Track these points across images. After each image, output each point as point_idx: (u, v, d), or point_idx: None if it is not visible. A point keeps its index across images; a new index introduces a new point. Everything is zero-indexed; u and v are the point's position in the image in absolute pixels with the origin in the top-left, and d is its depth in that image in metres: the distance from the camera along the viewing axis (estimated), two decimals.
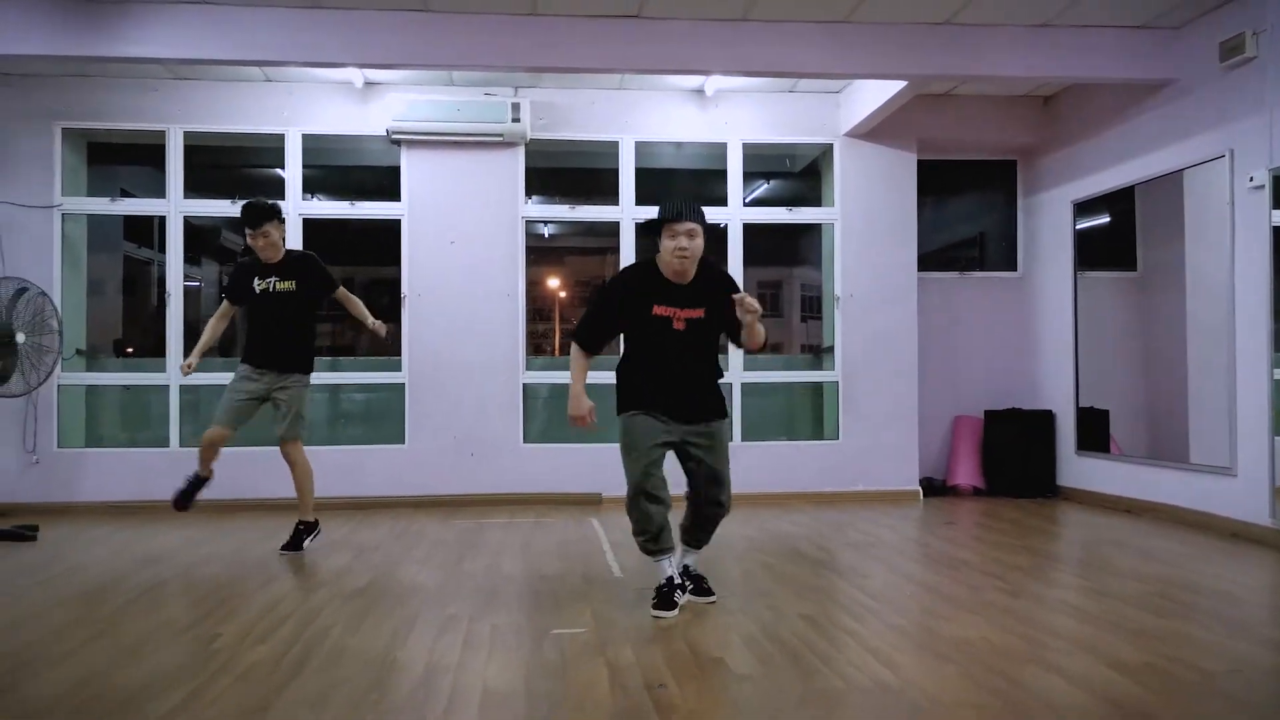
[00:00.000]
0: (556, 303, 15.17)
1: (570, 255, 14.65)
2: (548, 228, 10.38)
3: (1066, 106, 7.98)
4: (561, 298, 15.25)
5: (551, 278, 14.69)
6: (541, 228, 9.95)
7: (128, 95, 7.48)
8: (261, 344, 5.55)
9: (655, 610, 4.18)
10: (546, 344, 14.07)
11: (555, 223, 9.95)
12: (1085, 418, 7.87)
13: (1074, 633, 3.87)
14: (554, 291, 14.93)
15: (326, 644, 3.76)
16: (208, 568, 5.34)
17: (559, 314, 15.30)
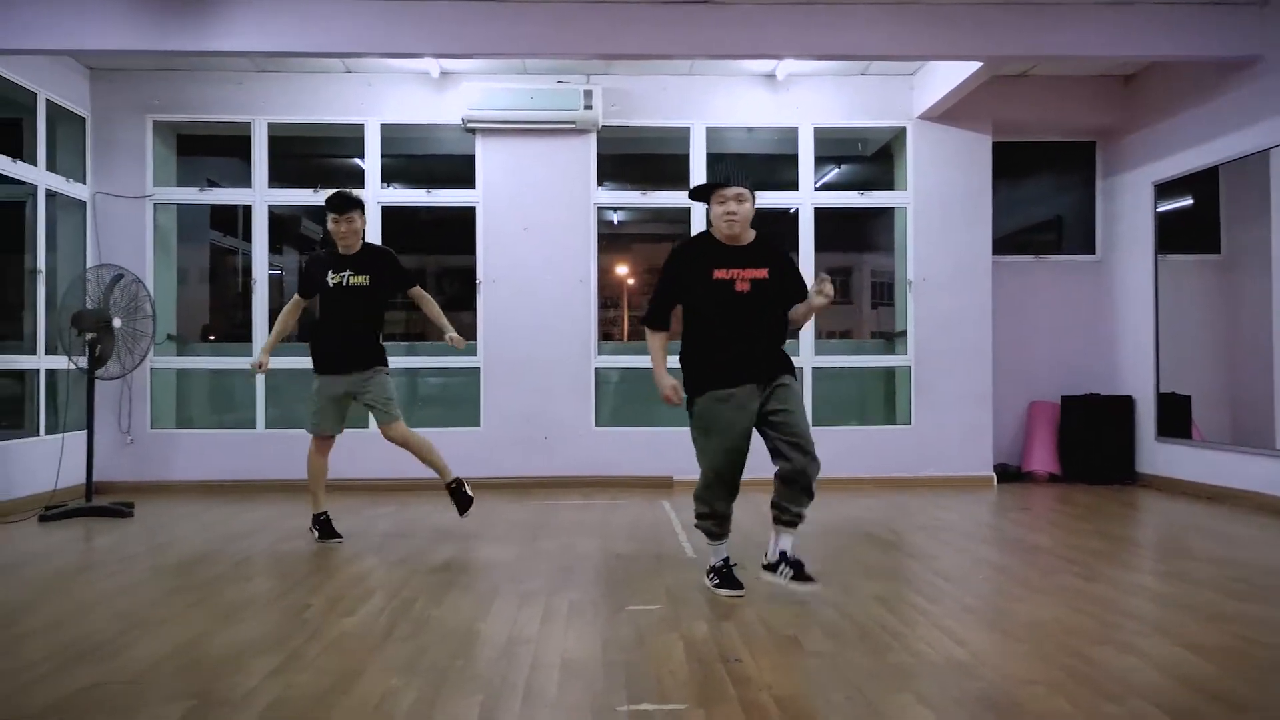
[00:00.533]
0: (625, 289, 15.27)
1: (639, 242, 14.73)
2: (617, 215, 10.48)
3: (1148, 85, 7.81)
4: (630, 284, 15.35)
5: (620, 264, 14.79)
6: (611, 215, 10.05)
7: (214, 88, 7.74)
8: (335, 346, 5.45)
9: (725, 590, 4.21)
10: (615, 330, 14.19)
11: (625, 209, 10.04)
12: (1166, 403, 7.72)
13: (1149, 615, 3.85)
14: (623, 279, 15.03)
15: (412, 615, 3.90)
16: (294, 543, 5.54)
17: (627, 301, 15.40)
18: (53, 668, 3.25)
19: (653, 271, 16.68)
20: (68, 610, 4.05)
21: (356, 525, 6.06)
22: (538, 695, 2.97)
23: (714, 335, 4.28)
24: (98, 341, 6.43)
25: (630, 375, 8.26)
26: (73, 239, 7.57)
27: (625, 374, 8.23)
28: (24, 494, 6.70)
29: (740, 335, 4.22)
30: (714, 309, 4.28)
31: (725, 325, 4.25)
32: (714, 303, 4.26)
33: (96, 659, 3.34)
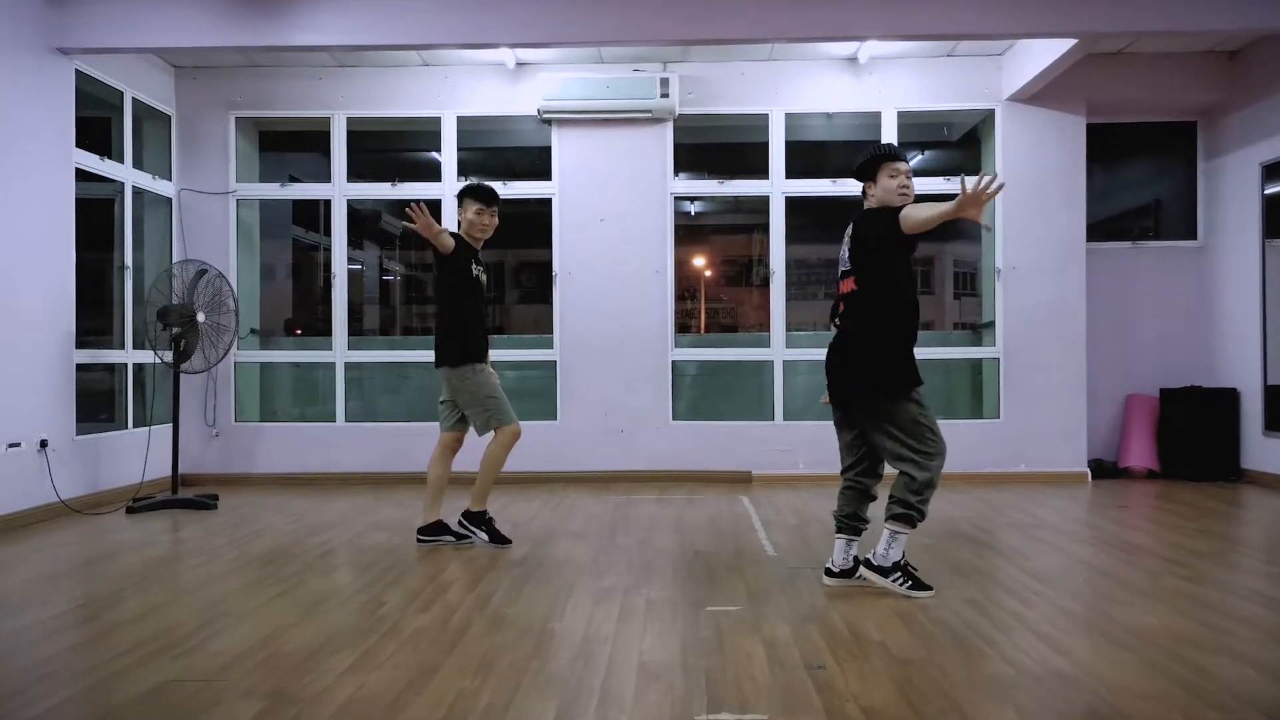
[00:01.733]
0: (702, 281, 15.12)
1: (716, 234, 14.57)
2: (694, 206, 10.36)
3: (1254, 61, 7.39)
4: (707, 276, 15.20)
5: (697, 256, 14.66)
6: (688, 205, 9.93)
7: (295, 84, 7.81)
8: (483, 336, 5.22)
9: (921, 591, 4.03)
10: (692, 322, 14.06)
11: (702, 199, 9.91)
12: (1275, 396, 7.32)
13: (1265, 621, 3.61)
14: (700, 270, 14.89)
15: (487, 612, 3.84)
16: (374, 536, 5.54)
17: (704, 292, 15.25)
18: (135, 660, 3.26)
19: (730, 263, 16.45)
20: (153, 602, 4.09)
21: None
22: (615, 699, 2.88)
23: (914, 324, 4.13)
24: (182, 336, 6.53)
25: (706, 369, 8.14)
26: (159, 235, 7.71)
27: (702, 366, 8.12)
28: (113, 486, 6.84)
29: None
30: (912, 292, 4.13)
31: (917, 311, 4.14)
32: (912, 285, 4.13)
33: (178, 653, 3.35)
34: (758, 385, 7.97)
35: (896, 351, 4.05)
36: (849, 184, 7.88)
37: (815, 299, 11.79)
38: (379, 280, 13.04)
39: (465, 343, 5.13)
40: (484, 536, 5.22)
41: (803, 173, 7.90)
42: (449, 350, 5.15)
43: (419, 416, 7.80)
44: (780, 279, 7.83)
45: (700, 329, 14.01)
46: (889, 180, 4.08)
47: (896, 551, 4.06)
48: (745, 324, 13.89)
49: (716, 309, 15.30)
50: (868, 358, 4.06)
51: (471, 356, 5.14)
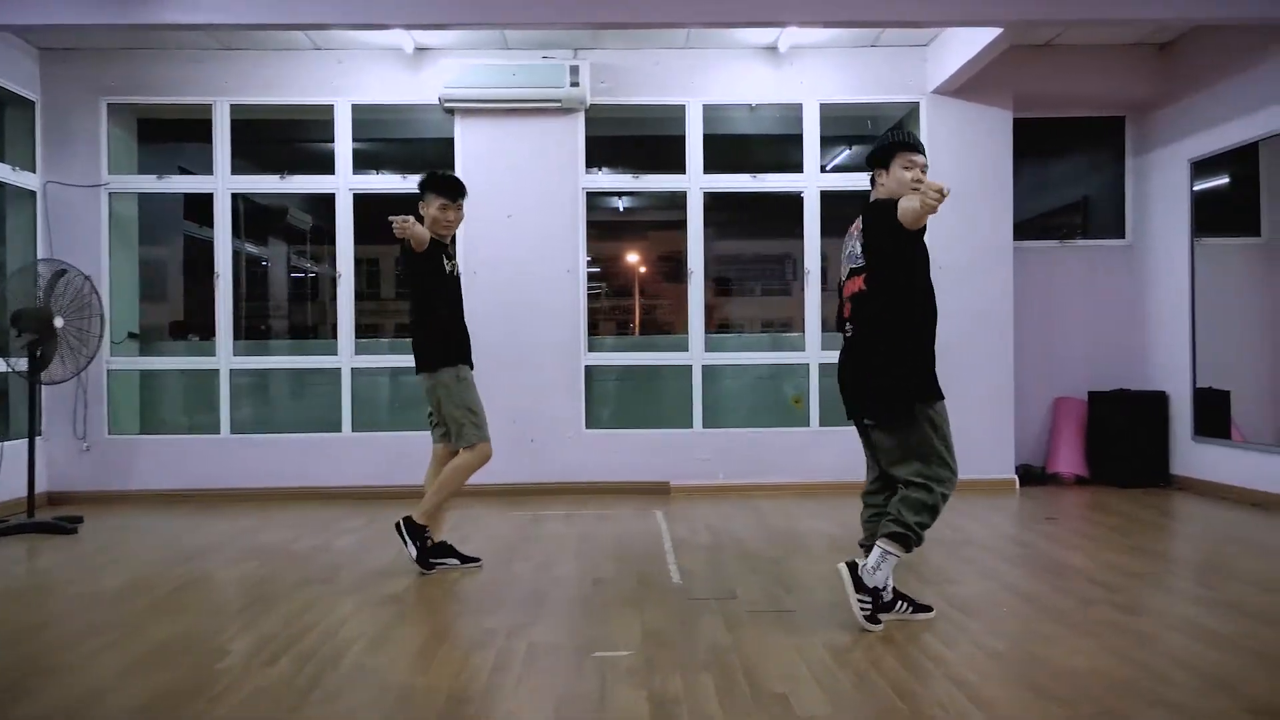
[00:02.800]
0: (637, 279, 14.69)
1: (653, 230, 14.15)
2: (622, 201, 9.91)
3: (1185, 54, 7.16)
4: (641, 274, 14.77)
5: (630, 253, 14.22)
6: (615, 201, 9.49)
7: (174, 68, 7.20)
8: (465, 337, 4.84)
9: (874, 625, 3.69)
10: (630, 323, 13.63)
11: (628, 195, 9.46)
12: (1203, 400, 7.11)
13: (1205, 663, 3.27)
14: (634, 267, 14.46)
15: (343, 664, 3.37)
16: (244, 566, 5.02)
17: (639, 291, 14.82)
18: None
19: (665, 260, 16.02)
20: None
21: (315, 544, 5.53)
22: None
23: (932, 331, 3.76)
24: (39, 343, 5.92)
25: (627, 374, 7.72)
26: (23, 232, 7.05)
27: (624, 372, 7.69)
28: None
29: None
30: (931, 295, 3.75)
31: (935, 317, 3.77)
32: (929, 287, 3.74)
33: None
34: (677, 391, 7.56)
35: (912, 359, 3.68)
36: (770, 179, 7.57)
37: (752, 295, 11.42)
38: (287, 279, 12.37)
39: (446, 345, 4.72)
40: (413, 551, 4.73)
41: (724, 167, 7.51)
42: (428, 354, 4.73)
43: (318, 427, 7.29)
44: (699, 279, 7.43)
45: (636, 330, 13.60)
46: (903, 172, 3.71)
47: (884, 573, 3.69)
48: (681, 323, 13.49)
49: (653, 307, 14.89)
50: (879, 365, 3.70)
51: (453, 359, 4.72)
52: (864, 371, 3.79)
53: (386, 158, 8.15)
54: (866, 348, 3.78)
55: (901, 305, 3.69)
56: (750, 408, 7.70)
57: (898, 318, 3.70)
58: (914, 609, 3.83)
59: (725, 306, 10.95)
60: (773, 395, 7.74)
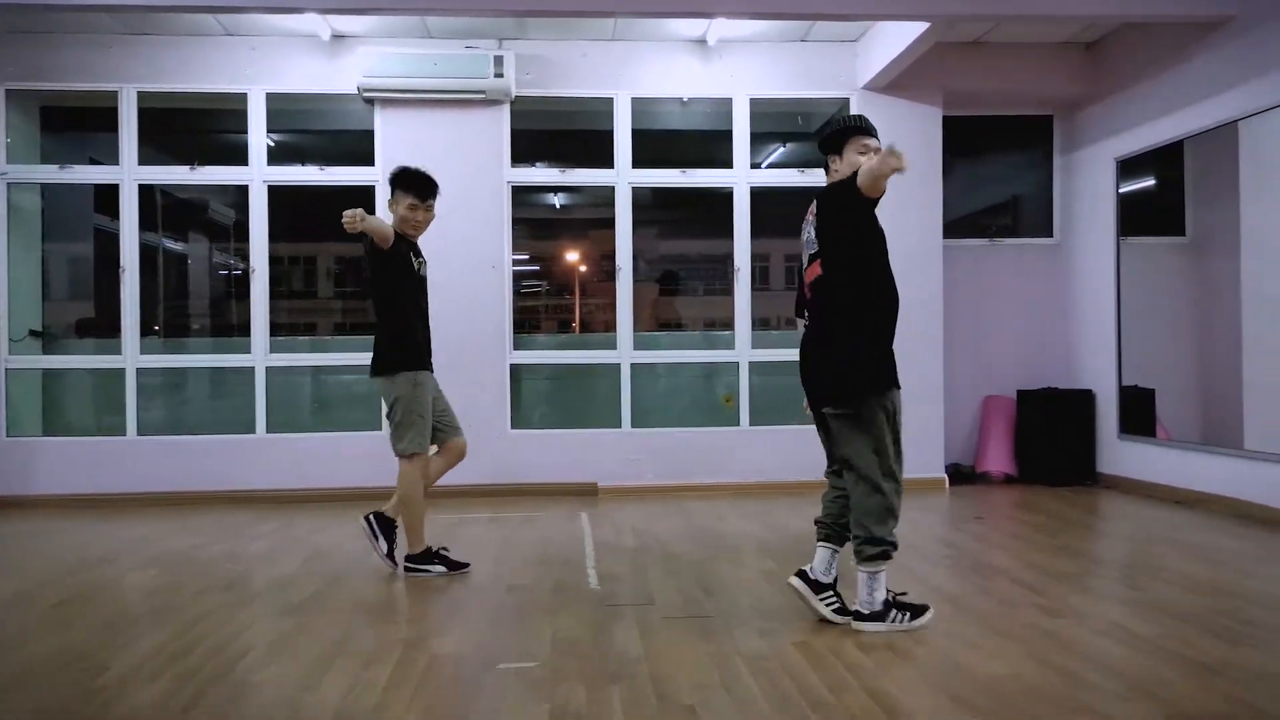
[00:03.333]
0: (577, 278, 14.50)
1: (593, 229, 13.96)
2: (558, 198, 9.73)
3: (1111, 53, 7.18)
4: (583, 272, 14.58)
5: (571, 251, 14.04)
6: (552, 198, 9.31)
7: (77, 53, 6.87)
8: (426, 340, 4.70)
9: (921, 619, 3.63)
10: (571, 322, 13.43)
11: (564, 191, 9.27)
12: (1129, 398, 7.13)
13: (1128, 667, 3.19)
14: (574, 266, 14.27)
15: (229, 681, 3.15)
16: (143, 574, 4.77)
17: (579, 289, 14.62)
18: None
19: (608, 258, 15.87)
20: None
21: (220, 550, 5.28)
22: None
23: (892, 317, 3.67)
24: None
25: (557, 371, 7.54)
26: None
27: (556, 370, 7.52)
28: None
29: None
30: (890, 277, 3.68)
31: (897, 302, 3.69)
32: (887, 268, 3.66)
33: None
34: (606, 390, 7.40)
35: (869, 343, 3.57)
36: (700, 175, 7.45)
37: (695, 294, 11.29)
38: (208, 276, 11.99)
39: (404, 349, 4.53)
40: (384, 547, 4.64)
41: (656, 163, 7.37)
42: (384, 358, 4.54)
43: (231, 428, 7.03)
44: (627, 275, 7.28)
45: (577, 328, 13.40)
46: (857, 156, 3.63)
47: (880, 591, 3.59)
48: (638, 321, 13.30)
49: (594, 306, 14.70)
50: (835, 349, 3.59)
51: (409, 364, 4.53)
52: (822, 357, 3.67)
53: (305, 149, 7.88)
54: (825, 331, 3.67)
55: (858, 286, 3.60)
56: (681, 407, 7.57)
57: (855, 298, 3.60)
58: (912, 615, 3.66)
59: (664, 305, 10.81)
60: (703, 395, 7.62)
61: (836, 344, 3.60)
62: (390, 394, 4.57)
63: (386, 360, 4.55)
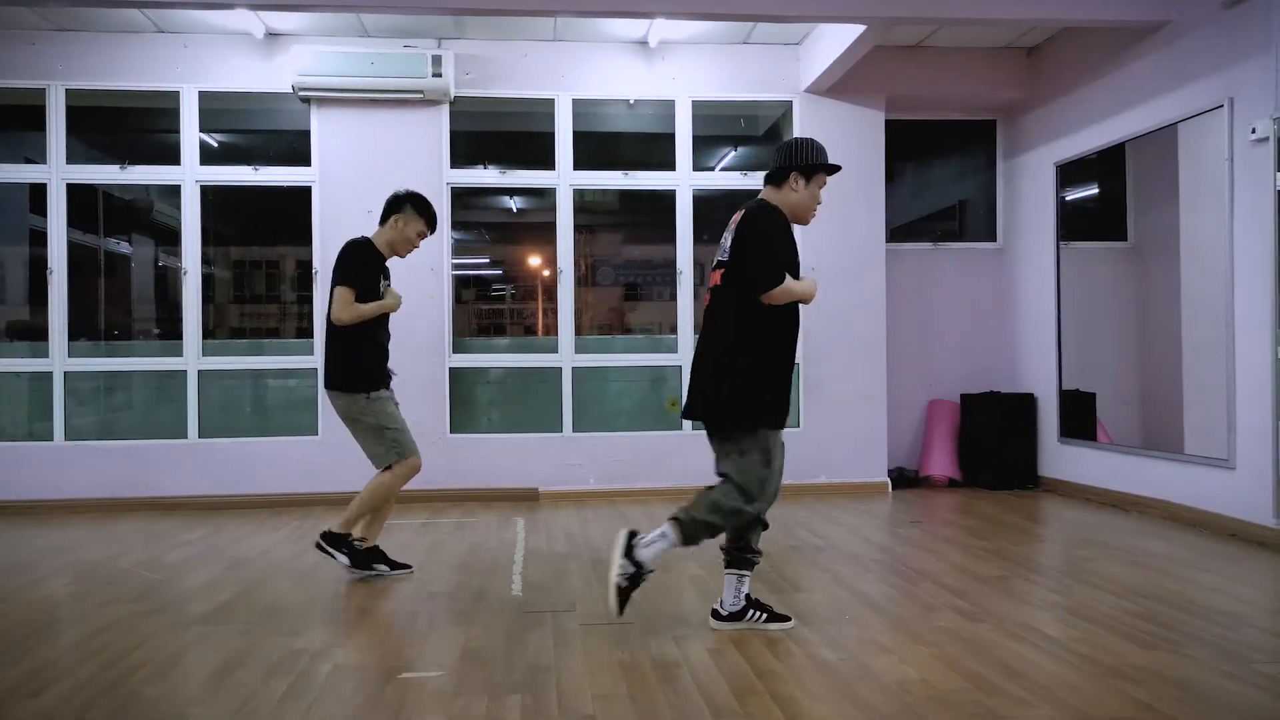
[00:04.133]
0: (540, 281, 14.40)
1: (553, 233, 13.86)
2: (515, 201, 9.62)
3: (1052, 58, 7.21)
4: (545, 276, 14.47)
5: (533, 255, 13.93)
6: (509, 201, 9.20)
7: (3, 50, 6.70)
8: (383, 359, 4.64)
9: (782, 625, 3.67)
10: (534, 327, 13.33)
11: (518, 194, 9.16)
12: (1069, 402, 7.15)
13: (1037, 671, 3.17)
14: (538, 269, 14.16)
15: (119, 694, 3.05)
16: (50, 585, 4.64)
17: (541, 293, 14.51)
18: None
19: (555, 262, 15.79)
20: None
21: (139, 559, 5.15)
22: None
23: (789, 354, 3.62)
24: None
25: (498, 375, 7.44)
26: None
27: (501, 374, 7.43)
28: None
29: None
30: (792, 320, 3.61)
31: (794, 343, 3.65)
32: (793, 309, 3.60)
33: None
34: (547, 394, 7.32)
35: (758, 374, 3.50)
36: (642, 177, 7.39)
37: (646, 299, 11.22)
38: (152, 278, 11.79)
39: (356, 365, 4.47)
40: (345, 560, 4.55)
41: (596, 164, 7.31)
42: (336, 373, 4.50)
43: (162, 433, 6.89)
44: (569, 279, 7.22)
45: (539, 331, 13.28)
46: (818, 190, 3.64)
47: (653, 552, 3.49)
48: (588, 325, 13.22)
49: (552, 309, 14.59)
50: (721, 371, 3.53)
51: (363, 384, 4.47)
52: (706, 372, 3.61)
53: (238, 149, 7.73)
54: (713, 346, 3.61)
55: (755, 311, 3.51)
56: (624, 412, 7.51)
57: (749, 324, 3.51)
58: (769, 618, 3.68)
59: (609, 309, 10.75)
60: (646, 399, 7.55)
61: (725, 365, 3.53)
62: (342, 411, 4.55)
63: (339, 375, 4.51)
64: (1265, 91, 5.14)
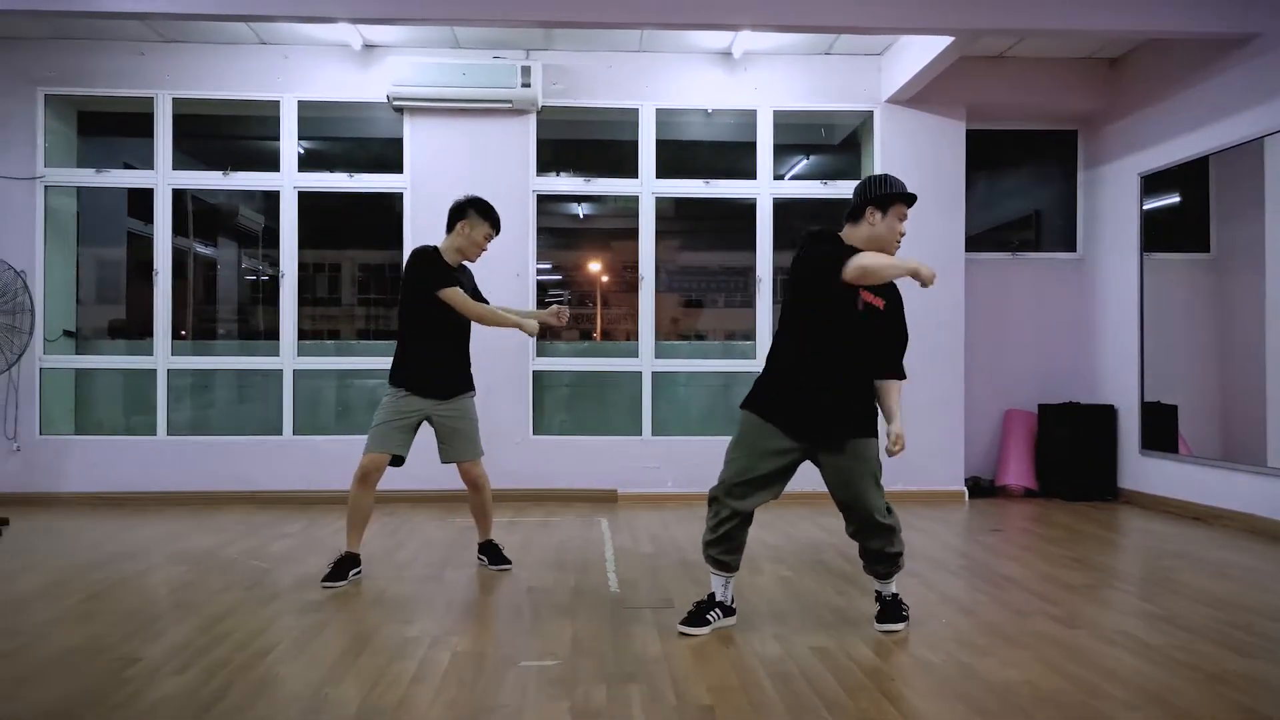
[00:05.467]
0: (599, 287, 14.57)
1: (617, 237, 14.03)
2: (582, 208, 9.80)
3: (1135, 69, 7.20)
4: (604, 282, 14.64)
5: (593, 261, 14.10)
6: (575, 208, 9.38)
7: (114, 59, 7.02)
8: (429, 365, 4.68)
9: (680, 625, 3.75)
10: (591, 331, 13.51)
11: (587, 200, 9.36)
12: (1151, 414, 7.13)
13: (1138, 676, 3.23)
14: (597, 275, 14.34)
15: (256, 673, 3.24)
16: (169, 570, 4.87)
17: (600, 299, 14.68)
18: None
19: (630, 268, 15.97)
20: None
21: (245, 549, 5.38)
22: None
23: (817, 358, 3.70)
24: None
25: (578, 379, 7.62)
26: None
27: (576, 376, 7.60)
28: None
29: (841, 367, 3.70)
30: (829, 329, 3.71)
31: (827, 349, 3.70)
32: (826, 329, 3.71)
33: None
34: (627, 398, 7.47)
35: (770, 369, 3.74)
36: (723, 185, 7.51)
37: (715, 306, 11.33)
38: (236, 281, 12.15)
39: (398, 361, 4.71)
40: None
41: (679, 172, 7.46)
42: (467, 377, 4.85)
43: (258, 429, 7.15)
44: (650, 285, 7.36)
45: (598, 336, 13.45)
46: (896, 222, 3.69)
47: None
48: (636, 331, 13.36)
49: (615, 315, 14.76)
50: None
51: (391, 378, 4.71)
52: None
53: (334, 156, 8.00)
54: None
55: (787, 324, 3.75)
56: (701, 416, 7.63)
57: (781, 331, 3.77)
58: (725, 614, 3.82)
59: (687, 315, 10.86)
60: (724, 403, 7.66)
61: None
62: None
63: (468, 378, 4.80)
64: None
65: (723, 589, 3.82)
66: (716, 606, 3.80)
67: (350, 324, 12.66)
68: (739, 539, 3.77)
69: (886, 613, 3.80)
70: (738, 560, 3.81)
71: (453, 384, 4.75)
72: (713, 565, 3.80)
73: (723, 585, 3.82)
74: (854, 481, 3.65)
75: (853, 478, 3.65)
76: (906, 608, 3.85)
